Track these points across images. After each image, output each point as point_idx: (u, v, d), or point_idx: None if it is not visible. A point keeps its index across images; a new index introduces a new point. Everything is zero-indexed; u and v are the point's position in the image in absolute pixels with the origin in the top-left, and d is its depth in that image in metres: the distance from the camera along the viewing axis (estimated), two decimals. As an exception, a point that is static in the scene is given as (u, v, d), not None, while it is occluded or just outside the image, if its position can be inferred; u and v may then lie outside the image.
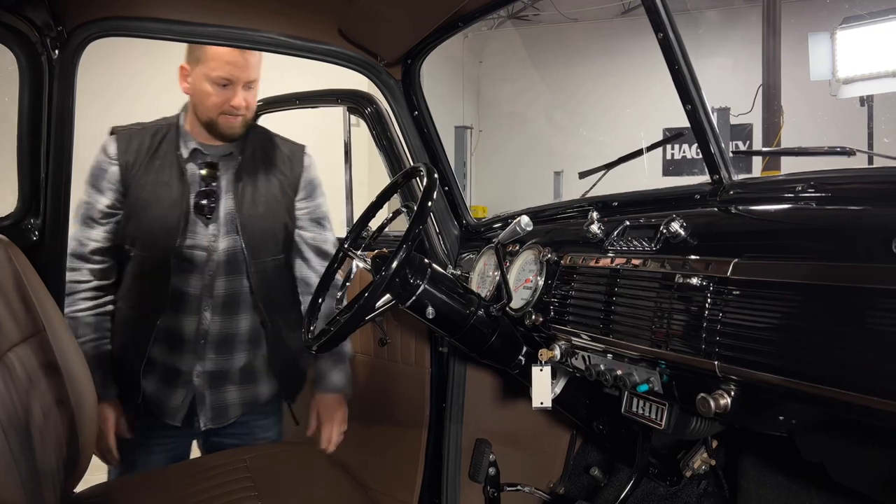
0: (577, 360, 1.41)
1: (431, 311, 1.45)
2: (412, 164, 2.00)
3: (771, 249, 1.01)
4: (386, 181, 1.72)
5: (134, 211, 1.70)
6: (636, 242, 1.23)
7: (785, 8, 5.20)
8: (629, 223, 1.31)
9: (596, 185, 1.66)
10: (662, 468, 1.73)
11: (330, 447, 1.82)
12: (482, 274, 1.76)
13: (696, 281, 1.03)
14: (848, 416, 0.87)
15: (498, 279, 1.67)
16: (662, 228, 1.14)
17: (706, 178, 1.34)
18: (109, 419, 1.66)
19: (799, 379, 0.88)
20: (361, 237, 1.69)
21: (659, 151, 8.92)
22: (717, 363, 0.98)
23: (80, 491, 1.58)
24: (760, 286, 0.95)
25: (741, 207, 1.18)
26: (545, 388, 1.46)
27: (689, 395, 1.07)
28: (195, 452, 1.92)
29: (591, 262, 1.32)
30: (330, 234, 1.88)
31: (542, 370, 1.46)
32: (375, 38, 1.77)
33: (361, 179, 2.60)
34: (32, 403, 1.25)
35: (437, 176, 1.41)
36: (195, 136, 1.74)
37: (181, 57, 1.78)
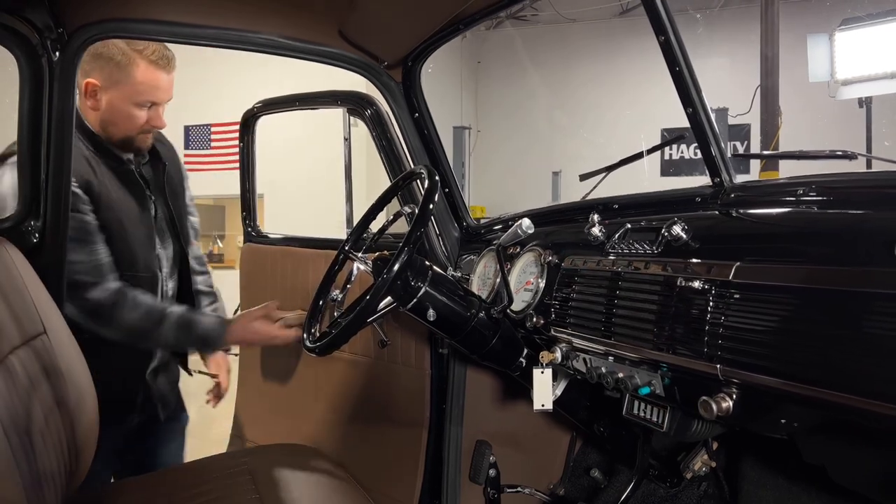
0: (577, 362, 1.41)
1: (432, 313, 1.45)
2: (412, 165, 2.00)
3: (772, 253, 1.01)
4: (384, 183, 1.73)
5: (112, 227, 1.70)
6: (637, 245, 1.24)
7: (783, 9, 5.21)
8: (630, 226, 1.31)
9: (597, 187, 1.66)
10: (663, 470, 1.73)
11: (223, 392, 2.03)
12: (483, 276, 1.76)
13: (697, 284, 1.03)
14: (849, 418, 0.88)
15: (499, 282, 1.67)
16: (664, 231, 1.14)
17: (705, 178, 1.34)
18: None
19: (800, 382, 0.88)
20: (362, 239, 1.69)
21: (657, 151, 8.92)
22: (719, 366, 0.99)
23: (80, 493, 1.58)
24: (762, 290, 0.95)
25: (742, 210, 1.18)
26: (546, 390, 1.47)
27: (690, 397, 1.07)
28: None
29: (592, 264, 1.32)
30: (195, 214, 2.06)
31: (543, 372, 1.46)
32: (376, 39, 1.77)
33: (359, 181, 2.59)
34: (33, 405, 1.25)
35: (437, 178, 1.41)
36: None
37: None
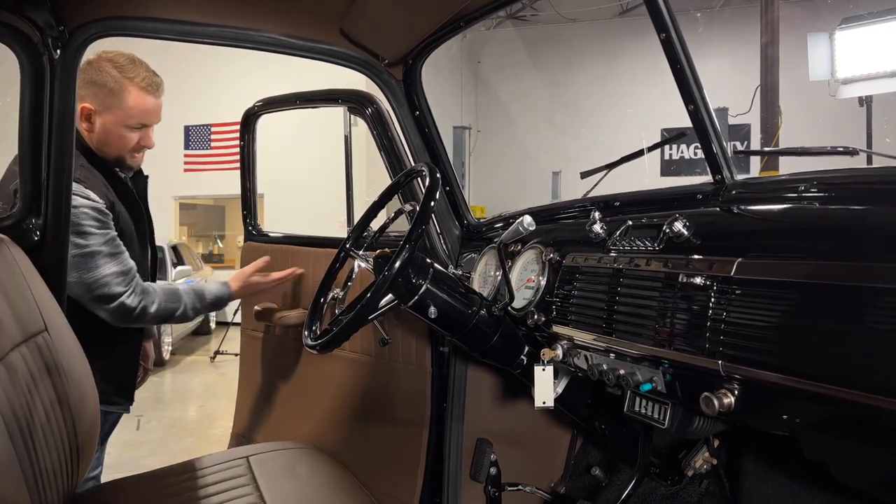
0: (579, 359, 1.41)
1: (434, 310, 1.45)
2: (413, 164, 2.00)
3: (774, 249, 1.01)
4: (383, 182, 1.73)
5: (122, 238, 1.79)
6: (639, 242, 1.24)
7: (783, 8, 5.21)
8: (632, 223, 1.31)
9: (597, 184, 1.66)
10: (664, 468, 1.73)
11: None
12: (483, 274, 1.77)
13: (699, 280, 1.03)
14: (852, 414, 0.87)
15: (500, 279, 1.67)
16: (665, 228, 1.14)
17: (706, 178, 1.34)
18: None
19: (803, 377, 0.88)
20: (362, 238, 1.69)
21: (657, 151, 8.94)
22: (721, 362, 0.99)
23: (81, 491, 1.58)
24: (764, 285, 0.95)
25: (743, 207, 1.18)
26: (547, 387, 1.47)
27: (692, 394, 1.07)
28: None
29: (593, 261, 1.32)
30: None
31: (544, 370, 1.46)
32: (377, 37, 1.77)
33: (359, 180, 2.59)
34: (35, 403, 1.25)
35: (439, 176, 1.41)
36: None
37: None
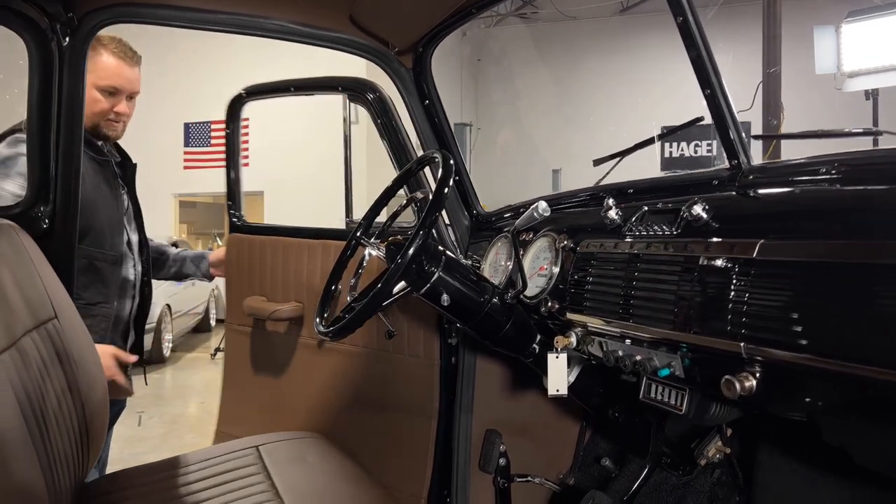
0: (593, 346, 1.40)
1: (446, 298, 1.45)
2: (417, 152, 1.98)
3: (795, 231, 1.00)
4: (385, 176, 1.73)
5: (84, 209, 1.75)
6: (656, 227, 1.23)
7: (788, 1, 5.19)
8: (647, 208, 1.30)
9: (609, 172, 1.65)
10: (675, 457, 1.73)
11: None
12: (494, 263, 1.76)
13: (720, 263, 1.02)
14: (874, 394, 0.87)
15: (511, 268, 1.66)
16: (684, 212, 1.14)
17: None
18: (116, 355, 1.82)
19: (826, 357, 0.88)
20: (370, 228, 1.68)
21: (657, 148, 8.93)
22: (743, 344, 0.98)
23: (89, 481, 1.57)
24: (787, 266, 0.94)
25: (762, 191, 1.17)
26: (561, 375, 1.46)
27: (712, 378, 1.06)
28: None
29: (609, 247, 1.31)
30: None
31: (557, 357, 1.45)
32: (387, 25, 1.76)
33: (358, 175, 2.57)
34: (47, 389, 1.24)
35: (453, 163, 1.41)
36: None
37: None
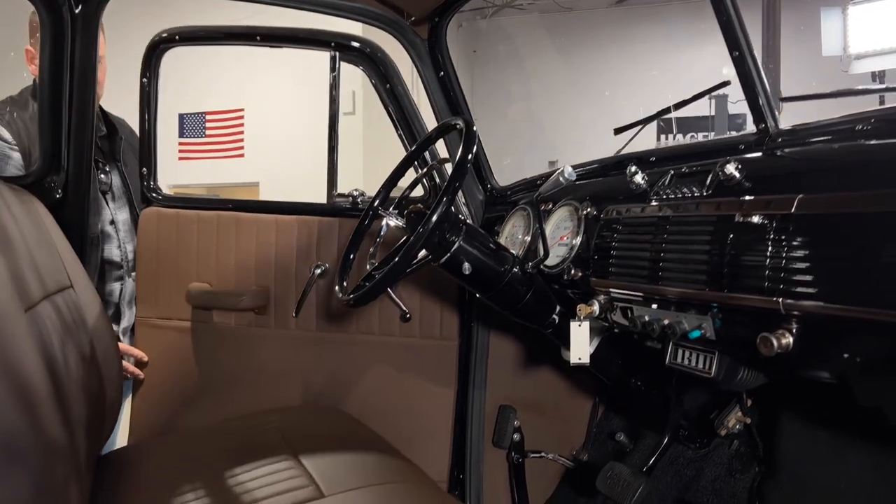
0: (616, 314, 1.39)
1: (468, 267, 1.43)
2: (421, 122, 1.95)
3: (832, 186, 0.99)
4: (382, 140, 1.68)
5: None
6: (685, 189, 1.22)
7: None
8: (674, 172, 1.29)
9: (630, 141, 1.64)
10: (692, 430, 1.72)
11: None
12: (511, 236, 1.74)
13: (757, 219, 1.01)
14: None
15: (529, 241, 1.65)
16: (717, 170, 1.13)
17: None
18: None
19: (869, 306, 0.87)
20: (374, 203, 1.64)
21: (653, 136, 8.92)
22: (781, 300, 0.97)
23: (105, 453, 1.55)
24: (827, 219, 0.93)
25: (792, 151, 1.16)
26: (583, 343, 1.45)
27: (745, 338, 1.05)
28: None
29: (635, 212, 1.30)
30: None
31: (580, 325, 1.44)
32: (403, -6, 1.74)
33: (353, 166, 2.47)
34: (66, 355, 1.22)
35: (476, 129, 1.39)
36: None
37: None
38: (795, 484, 1.47)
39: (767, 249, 0.99)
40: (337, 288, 1.48)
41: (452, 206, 1.36)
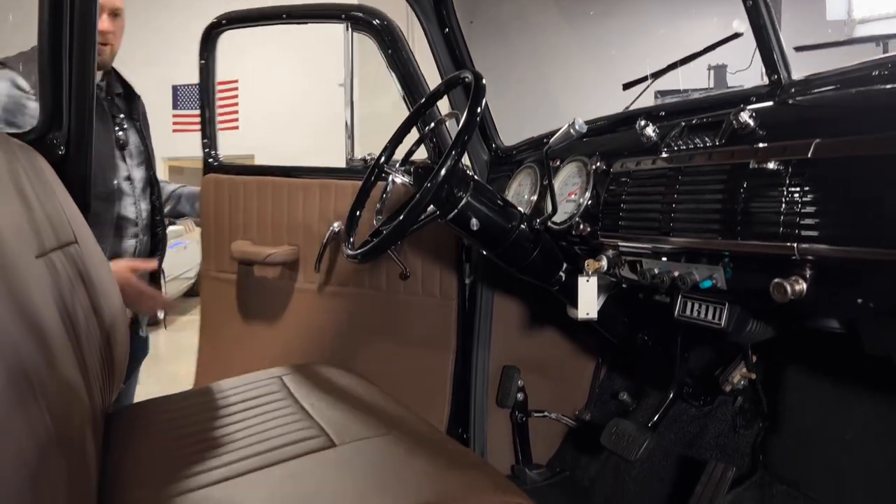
0: (624, 269, 1.40)
1: (475, 222, 1.43)
2: (428, 86, 1.93)
3: (849, 132, 0.99)
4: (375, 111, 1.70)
5: None
6: (697, 140, 1.21)
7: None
8: (685, 124, 1.28)
9: (640, 96, 1.63)
10: (697, 387, 1.74)
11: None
12: (518, 195, 1.74)
13: (773, 166, 1.00)
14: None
15: (536, 199, 1.65)
16: (731, 118, 1.12)
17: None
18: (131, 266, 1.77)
19: (887, 247, 0.87)
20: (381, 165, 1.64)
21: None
22: (795, 245, 0.97)
23: (113, 410, 1.55)
24: (845, 163, 0.93)
25: (806, 99, 1.15)
26: (591, 298, 1.45)
27: (757, 286, 1.05)
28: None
29: (647, 164, 1.29)
30: None
31: (588, 280, 1.44)
32: (407, -51, 1.71)
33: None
34: (75, 309, 1.22)
35: (485, 82, 1.37)
36: None
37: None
38: (799, 436, 1.49)
39: (783, 195, 0.99)
40: (344, 245, 1.48)
41: (460, 160, 1.35)
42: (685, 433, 1.77)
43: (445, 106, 1.91)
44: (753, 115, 1.10)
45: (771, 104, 1.19)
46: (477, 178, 1.46)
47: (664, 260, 1.26)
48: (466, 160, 2.01)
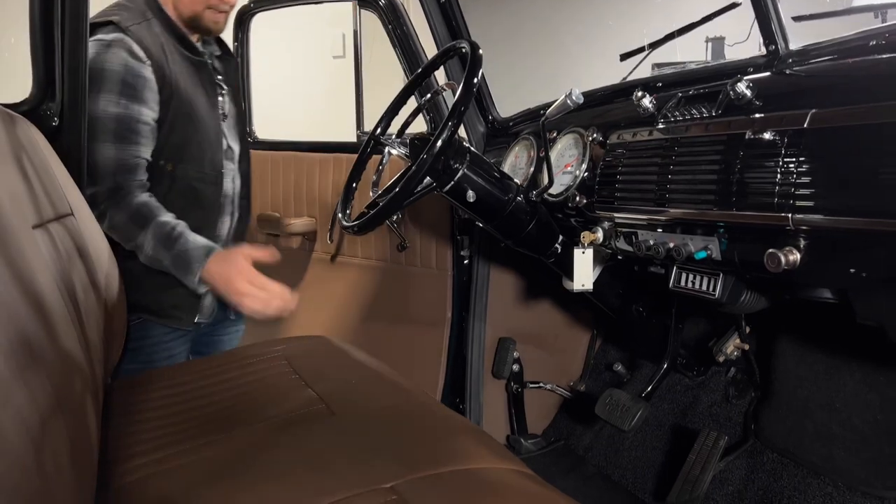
0: (620, 241, 1.40)
1: (472, 194, 1.42)
2: (427, 57, 1.93)
3: (845, 102, 0.98)
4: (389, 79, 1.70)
5: (175, 124, 1.55)
6: (693, 111, 1.21)
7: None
8: (682, 95, 1.28)
9: (637, 67, 1.62)
10: (690, 358, 1.76)
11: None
12: (513, 167, 1.73)
13: (769, 136, 1.01)
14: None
15: (532, 171, 1.64)
16: (728, 89, 1.11)
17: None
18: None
19: (881, 217, 0.88)
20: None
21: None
22: (790, 215, 0.98)
23: (114, 381, 1.56)
24: (841, 132, 0.93)
25: (803, 68, 1.15)
26: (587, 270, 1.46)
27: (752, 256, 1.07)
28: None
29: (643, 136, 1.29)
30: None
31: (584, 252, 1.45)
32: (403, -84, 1.69)
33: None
34: (75, 278, 1.22)
35: (482, 52, 1.36)
36: None
37: None
38: (791, 405, 1.51)
39: (778, 166, 0.99)
40: (340, 215, 1.48)
41: (457, 131, 1.35)
42: (678, 403, 1.80)
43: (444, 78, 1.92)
44: (750, 85, 1.10)
45: (768, 74, 1.19)
46: (474, 149, 1.46)
47: (659, 231, 1.27)
48: (463, 132, 2.01)
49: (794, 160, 0.97)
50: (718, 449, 1.52)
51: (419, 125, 1.80)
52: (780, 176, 0.99)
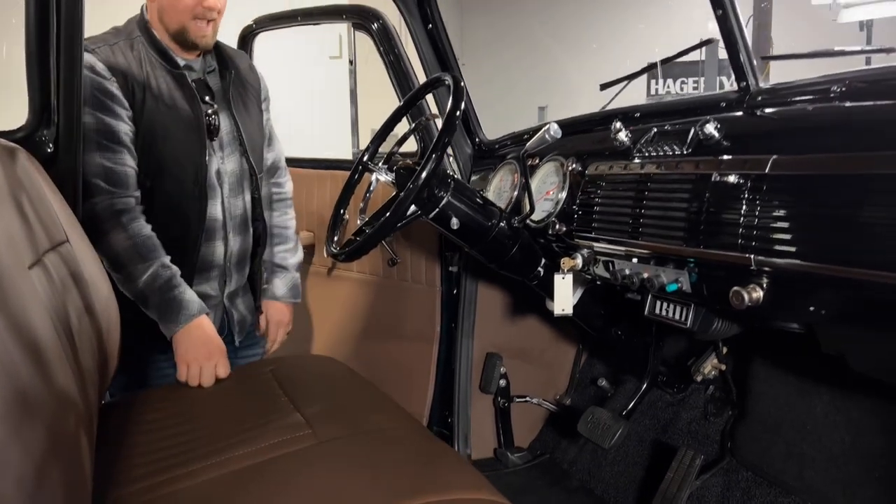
0: (598, 268, 1.45)
1: (455, 222, 1.47)
2: (419, 81, 1.97)
3: (806, 147, 1.03)
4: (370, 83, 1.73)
5: (153, 139, 1.56)
6: (666, 147, 1.25)
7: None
8: (657, 129, 1.33)
9: (616, 96, 1.67)
10: (671, 376, 1.81)
11: (273, 347, 1.91)
12: (498, 190, 1.78)
13: (733, 179, 1.05)
14: (876, 296, 0.91)
15: (516, 194, 1.69)
16: (696, 130, 1.16)
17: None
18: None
19: (833, 264, 0.92)
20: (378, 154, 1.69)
21: (642, 86, 8.86)
22: (752, 256, 1.02)
23: (107, 402, 1.60)
24: (798, 180, 0.98)
25: (771, 110, 1.20)
26: (566, 295, 1.51)
27: (719, 291, 1.11)
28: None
29: (619, 169, 1.34)
30: (280, 148, 1.93)
31: (564, 278, 1.49)
32: (391, -54, 1.72)
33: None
34: (69, 307, 1.26)
35: (464, 85, 1.41)
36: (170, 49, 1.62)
37: None
38: (765, 425, 1.56)
39: (742, 208, 1.04)
40: (328, 243, 1.52)
41: (441, 162, 1.39)
42: (659, 419, 1.85)
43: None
44: (718, 126, 1.14)
45: (738, 115, 1.23)
46: (458, 177, 1.50)
47: (635, 261, 1.31)
48: (450, 151, 2.05)
49: (756, 204, 1.02)
50: (695, 468, 1.56)
51: (410, 143, 1.85)
52: (743, 218, 1.04)
